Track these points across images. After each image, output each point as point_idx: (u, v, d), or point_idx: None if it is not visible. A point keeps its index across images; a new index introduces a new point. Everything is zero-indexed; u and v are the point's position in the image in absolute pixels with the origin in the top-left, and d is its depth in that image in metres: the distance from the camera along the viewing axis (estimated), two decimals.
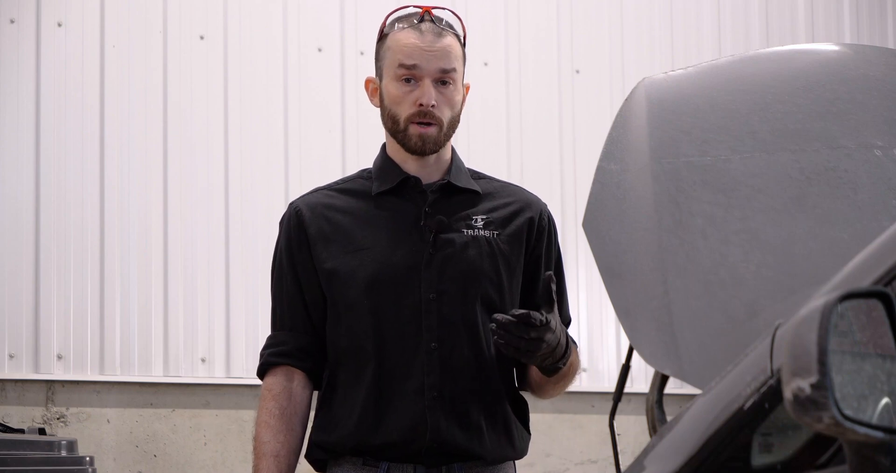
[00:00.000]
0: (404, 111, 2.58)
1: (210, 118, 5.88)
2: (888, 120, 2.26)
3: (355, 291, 2.58)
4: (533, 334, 2.38)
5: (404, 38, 2.60)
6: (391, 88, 2.60)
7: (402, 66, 2.58)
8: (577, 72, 6.50)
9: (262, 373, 2.67)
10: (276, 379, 2.63)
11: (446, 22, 2.63)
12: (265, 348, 2.67)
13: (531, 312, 2.38)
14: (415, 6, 2.64)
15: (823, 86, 2.30)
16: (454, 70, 2.59)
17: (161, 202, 5.77)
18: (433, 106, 2.56)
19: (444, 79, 2.58)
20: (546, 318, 2.39)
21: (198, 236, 5.80)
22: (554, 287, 2.43)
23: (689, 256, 2.11)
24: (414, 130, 2.58)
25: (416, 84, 2.58)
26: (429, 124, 2.58)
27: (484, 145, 6.23)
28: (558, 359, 2.50)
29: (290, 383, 2.63)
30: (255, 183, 5.89)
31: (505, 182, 2.75)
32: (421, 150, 2.60)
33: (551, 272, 2.46)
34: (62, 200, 5.64)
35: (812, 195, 2.16)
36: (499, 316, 2.38)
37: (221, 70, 5.92)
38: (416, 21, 2.61)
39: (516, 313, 2.37)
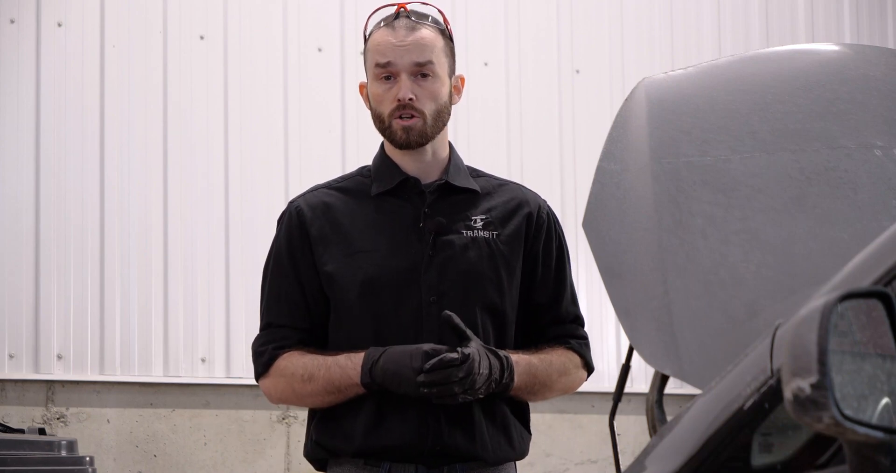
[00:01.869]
0: (386, 109, 2.59)
1: (210, 118, 5.88)
2: (888, 120, 2.26)
3: (355, 294, 2.57)
4: (460, 374, 2.42)
5: (379, 37, 2.61)
6: (373, 88, 2.61)
7: (378, 65, 2.59)
8: (577, 72, 6.50)
9: (266, 366, 2.62)
10: (289, 354, 2.60)
11: (431, 17, 2.63)
12: (266, 343, 2.63)
13: (444, 354, 2.42)
14: (391, 4, 2.65)
15: (823, 86, 2.30)
16: (430, 62, 2.58)
17: (161, 202, 5.77)
18: (411, 99, 2.56)
19: (422, 72, 2.58)
20: (463, 353, 2.42)
21: (198, 236, 5.80)
22: (459, 322, 2.46)
23: (689, 256, 2.11)
24: (397, 124, 2.58)
25: (395, 81, 2.58)
26: (412, 117, 2.58)
27: (484, 145, 6.23)
28: (501, 381, 2.51)
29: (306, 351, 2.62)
30: (255, 183, 5.89)
31: (504, 180, 2.74)
32: (406, 142, 2.59)
33: (448, 312, 2.47)
34: (62, 200, 5.64)
35: (812, 195, 2.16)
36: (422, 378, 2.42)
37: (221, 70, 5.92)
38: (391, 19, 2.62)
39: (429, 364, 2.41)
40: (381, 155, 2.68)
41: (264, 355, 2.63)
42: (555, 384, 2.64)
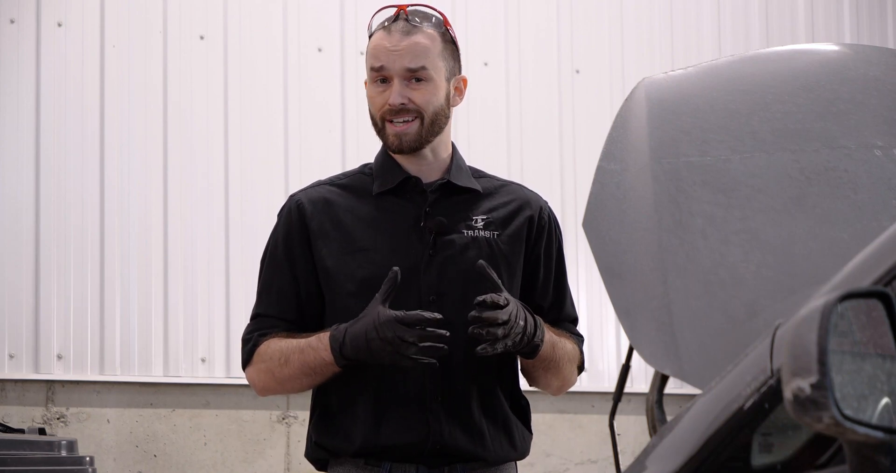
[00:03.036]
0: (378, 111, 2.60)
1: (210, 118, 5.88)
2: (888, 120, 2.26)
3: (353, 292, 2.57)
4: (504, 316, 2.43)
5: (375, 40, 2.61)
6: (369, 89, 2.62)
7: (372, 68, 2.60)
8: (577, 72, 6.50)
9: (250, 354, 2.63)
10: (269, 340, 2.61)
11: (434, 19, 2.62)
12: (252, 331, 2.64)
13: (489, 295, 2.44)
14: (395, 5, 2.65)
15: (823, 86, 2.30)
16: (423, 68, 2.58)
17: (161, 202, 5.77)
18: (403, 104, 2.56)
19: (416, 77, 2.58)
20: (504, 298, 2.45)
21: (198, 236, 5.80)
22: (491, 273, 2.49)
23: (689, 256, 2.11)
24: (390, 128, 2.59)
25: (389, 84, 2.59)
26: (404, 122, 2.58)
27: (484, 145, 6.23)
28: (532, 337, 2.52)
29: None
30: (255, 183, 5.89)
31: (505, 181, 2.75)
32: (398, 148, 2.60)
33: (482, 261, 2.51)
34: (62, 200, 5.64)
35: (812, 195, 2.16)
36: (473, 314, 2.44)
37: (221, 70, 5.92)
38: (390, 22, 2.62)
39: (479, 299, 2.44)
40: (383, 154, 2.68)
41: (249, 343, 2.64)
42: (563, 369, 2.65)
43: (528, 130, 6.38)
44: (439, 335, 2.43)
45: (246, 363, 2.65)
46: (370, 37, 2.64)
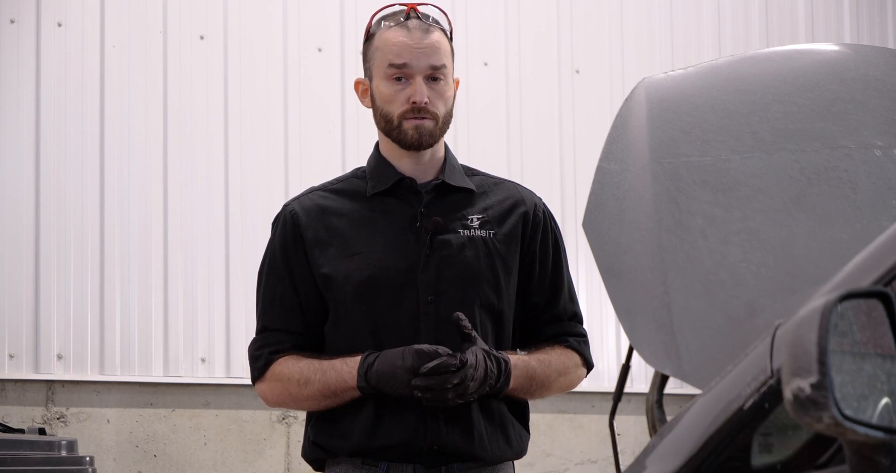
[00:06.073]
0: (397, 109, 2.58)
1: (210, 118, 5.88)
2: (888, 120, 2.26)
3: (352, 295, 2.57)
4: (455, 380, 2.43)
5: (392, 36, 2.59)
6: (382, 87, 2.60)
7: (392, 65, 2.58)
8: (577, 72, 6.50)
9: (262, 371, 2.64)
10: (285, 359, 2.61)
11: (433, 18, 2.63)
12: (262, 347, 2.64)
13: (443, 360, 2.43)
14: (400, 3, 2.64)
15: (823, 86, 2.30)
16: (444, 66, 2.58)
17: (161, 202, 5.77)
18: (426, 103, 2.56)
19: (434, 75, 2.58)
20: (461, 360, 2.43)
21: (198, 236, 5.80)
22: (467, 324, 2.47)
23: (689, 256, 2.11)
24: (409, 124, 2.57)
25: (408, 82, 2.57)
26: (423, 118, 2.57)
27: (484, 145, 6.23)
28: (496, 385, 2.51)
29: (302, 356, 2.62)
30: (255, 183, 5.90)
31: (499, 179, 2.74)
32: (417, 143, 2.59)
33: (458, 313, 2.48)
34: (62, 200, 5.64)
35: (812, 195, 2.16)
36: (416, 381, 2.43)
37: (221, 70, 5.92)
38: (402, 19, 2.61)
39: (425, 368, 2.42)
40: (376, 156, 2.68)
41: (260, 359, 2.64)
42: (553, 385, 2.64)
43: (528, 130, 6.38)
44: (442, 380, 2.44)
45: (256, 379, 2.65)
46: (373, 34, 2.63)
